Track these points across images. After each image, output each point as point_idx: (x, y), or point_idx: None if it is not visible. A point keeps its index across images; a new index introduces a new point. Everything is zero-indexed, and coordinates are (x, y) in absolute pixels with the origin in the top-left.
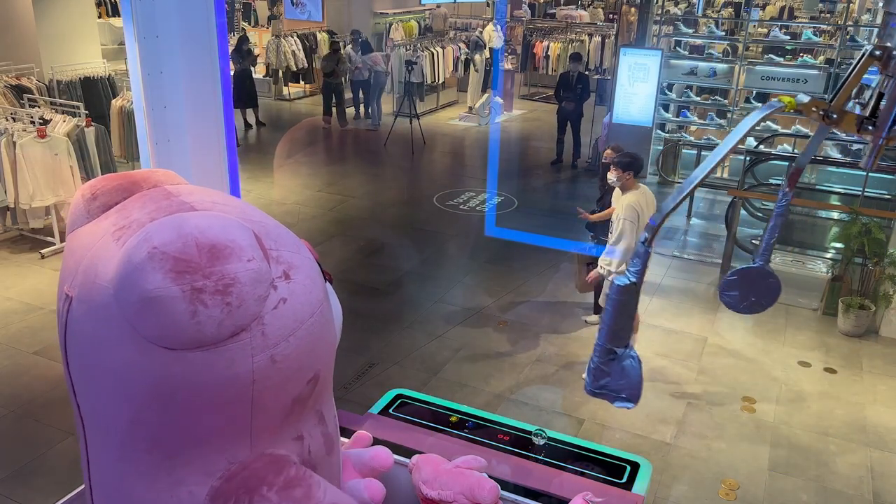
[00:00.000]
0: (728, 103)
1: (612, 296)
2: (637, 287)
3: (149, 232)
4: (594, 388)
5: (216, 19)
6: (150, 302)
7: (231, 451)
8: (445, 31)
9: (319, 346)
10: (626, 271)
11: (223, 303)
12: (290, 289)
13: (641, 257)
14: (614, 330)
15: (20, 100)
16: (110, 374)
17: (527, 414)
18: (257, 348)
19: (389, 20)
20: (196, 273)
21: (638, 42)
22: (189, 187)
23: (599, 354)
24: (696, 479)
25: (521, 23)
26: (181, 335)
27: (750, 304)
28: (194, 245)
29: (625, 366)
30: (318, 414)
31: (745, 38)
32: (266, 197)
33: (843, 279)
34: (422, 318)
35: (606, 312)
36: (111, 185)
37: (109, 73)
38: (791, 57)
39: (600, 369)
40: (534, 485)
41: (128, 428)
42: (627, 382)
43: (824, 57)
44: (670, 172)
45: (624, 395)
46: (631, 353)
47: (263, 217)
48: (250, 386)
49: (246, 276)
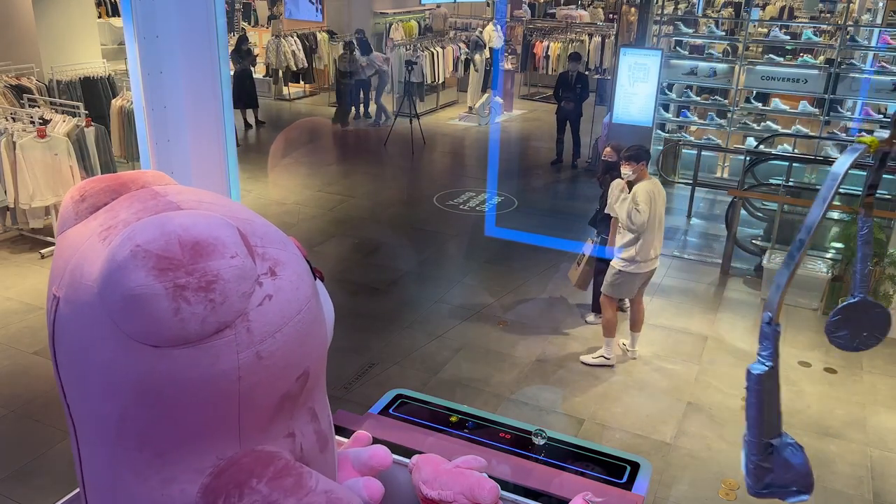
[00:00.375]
0: (728, 103)
1: (752, 387)
2: (775, 371)
3: (132, 231)
4: (759, 489)
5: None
6: (132, 299)
7: (220, 448)
8: (445, 30)
9: (308, 343)
10: (759, 356)
11: (206, 299)
12: (277, 285)
13: (770, 338)
14: (764, 422)
15: (20, 100)
16: (97, 373)
17: (527, 414)
18: (242, 345)
19: (389, 20)
20: (179, 270)
21: (638, 42)
22: (177, 187)
23: (755, 452)
24: (696, 479)
25: (521, 23)
26: (165, 332)
27: (863, 339)
28: (177, 242)
29: (786, 457)
30: (310, 411)
31: (745, 38)
32: (266, 197)
33: (844, 279)
34: (422, 318)
35: (751, 406)
36: (99, 187)
37: (109, 73)
38: (791, 57)
39: (761, 467)
40: (534, 485)
41: (116, 426)
42: (795, 474)
43: (824, 57)
44: (670, 172)
45: (794, 488)
46: (787, 440)
47: (251, 215)
48: (236, 382)
49: (229, 273)
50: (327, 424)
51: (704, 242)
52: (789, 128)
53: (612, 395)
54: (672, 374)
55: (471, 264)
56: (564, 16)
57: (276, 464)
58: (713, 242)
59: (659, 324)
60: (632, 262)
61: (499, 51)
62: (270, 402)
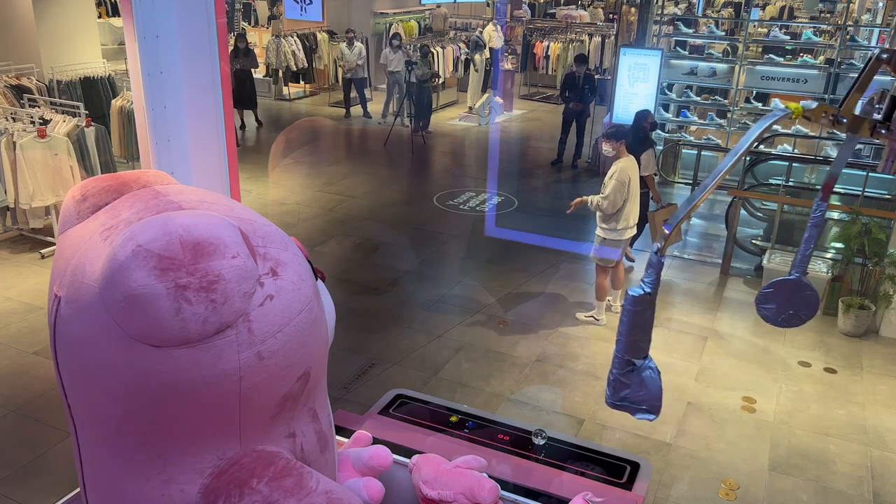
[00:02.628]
0: (728, 103)
1: (626, 307)
2: (652, 297)
3: (133, 231)
4: (614, 400)
5: (216, 19)
6: (134, 299)
7: (221, 449)
8: (445, 30)
9: (309, 343)
10: (641, 282)
11: (208, 300)
12: (278, 285)
13: (655, 267)
14: (632, 341)
15: (20, 100)
16: (98, 373)
17: (527, 414)
18: (244, 345)
19: (389, 20)
20: (180, 270)
21: (638, 42)
22: (179, 187)
23: (618, 366)
24: (696, 479)
25: (521, 23)
26: (166, 332)
27: (788, 317)
28: (178, 242)
29: (644, 377)
30: (310, 412)
31: (745, 38)
32: (266, 197)
33: (844, 279)
34: (422, 318)
35: (622, 324)
36: (101, 186)
37: (109, 73)
38: (791, 57)
39: (619, 381)
40: (534, 485)
41: (117, 426)
42: (647, 394)
43: (824, 57)
44: (670, 172)
45: (644, 406)
46: (649, 363)
47: (252, 215)
48: (238, 383)
49: (231, 273)
50: (328, 424)
51: (704, 242)
52: (789, 128)
53: None
54: (672, 374)
55: (471, 264)
56: (564, 16)
57: (276, 464)
58: (713, 242)
59: (659, 323)
60: (613, 230)
61: (499, 51)
62: (271, 402)
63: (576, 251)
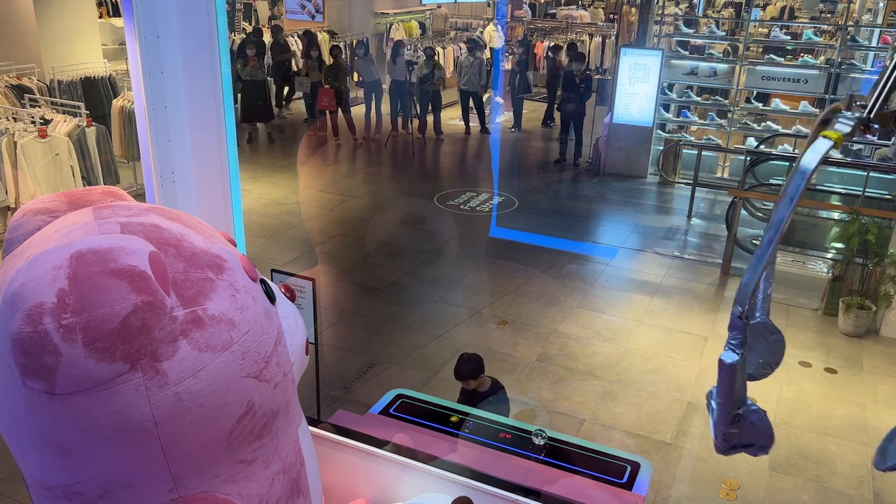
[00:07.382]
0: (728, 103)
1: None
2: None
3: (23, 266)
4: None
5: (217, 19)
6: (15, 344)
7: (153, 495)
8: (446, 31)
9: (247, 379)
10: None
11: (96, 340)
12: (195, 317)
13: (739, 329)
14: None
15: (21, 100)
16: (11, 420)
17: (527, 414)
18: (153, 388)
19: (390, 20)
20: (65, 311)
21: (638, 42)
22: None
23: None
24: (696, 479)
25: (521, 23)
26: (54, 379)
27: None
28: (66, 279)
29: (753, 421)
30: (273, 444)
31: (745, 39)
32: (266, 196)
33: (844, 279)
34: (422, 318)
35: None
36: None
37: (110, 73)
38: (792, 57)
39: (730, 433)
40: (534, 485)
41: (40, 476)
42: (760, 435)
43: (825, 57)
44: (671, 172)
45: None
46: (752, 407)
47: (186, 233)
48: (153, 428)
49: (127, 310)
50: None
51: (705, 242)
52: (790, 128)
53: (611, 395)
54: (672, 374)
55: (471, 264)
56: (565, 16)
57: None
58: (713, 242)
59: (659, 324)
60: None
61: (499, 51)
62: (207, 444)
63: (576, 251)
